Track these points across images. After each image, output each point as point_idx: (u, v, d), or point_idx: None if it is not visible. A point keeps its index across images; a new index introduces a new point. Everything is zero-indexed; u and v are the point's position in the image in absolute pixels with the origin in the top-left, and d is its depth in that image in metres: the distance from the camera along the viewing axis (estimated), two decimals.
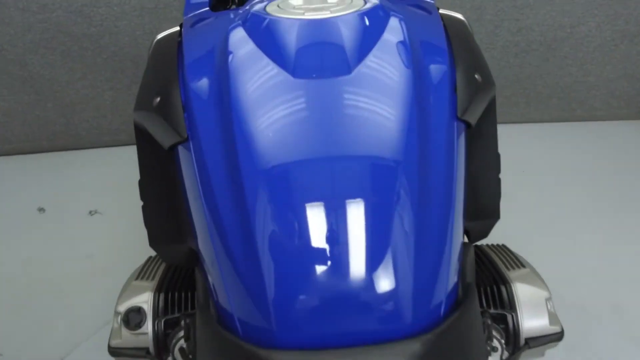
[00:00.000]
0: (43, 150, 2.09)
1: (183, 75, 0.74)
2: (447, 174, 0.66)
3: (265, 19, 0.76)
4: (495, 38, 1.98)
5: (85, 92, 2.00)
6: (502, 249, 0.92)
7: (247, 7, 0.85)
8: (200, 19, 0.92)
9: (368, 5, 0.78)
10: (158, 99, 0.73)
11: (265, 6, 0.80)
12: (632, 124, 2.15)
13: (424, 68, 0.72)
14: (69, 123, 2.05)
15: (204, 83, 0.72)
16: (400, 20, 0.76)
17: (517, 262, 0.86)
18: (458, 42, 0.78)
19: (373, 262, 0.58)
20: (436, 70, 0.73)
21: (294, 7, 0.79)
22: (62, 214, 1.79)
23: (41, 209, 1.80)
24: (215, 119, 0.68)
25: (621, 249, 1.58)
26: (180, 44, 0.81)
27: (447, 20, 0.83)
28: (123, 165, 1.58)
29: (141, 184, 0.76)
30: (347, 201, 0.59)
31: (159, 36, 0.85)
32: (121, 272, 1.36)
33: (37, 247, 1.67)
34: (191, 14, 0.96)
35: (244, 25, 0.77)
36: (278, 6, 0.80)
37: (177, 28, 0.87)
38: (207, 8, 0.98)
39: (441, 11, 0.88)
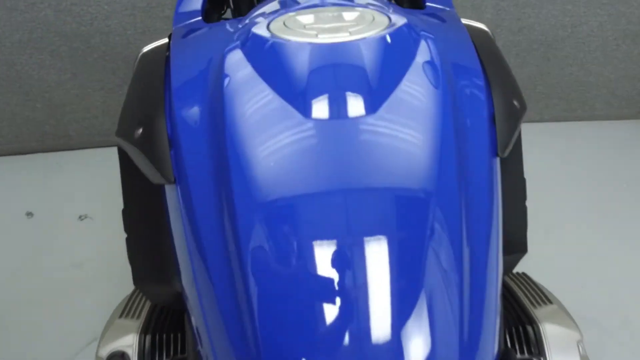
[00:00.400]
0: (32, 152, 2.04)
1: (170, 101, 0.63)
2: (489, 210, 0.57)
3: (269, 41, 0.63)
4: (495, 38, 1.93)
5: (75, 93, 1.94)
6: (524, 280, 0.83)
7: (247, 21, 0.73)
8: (192, 29, 0.81)
9: (395, 25, 0.64)
10: (140, 130, 0.62)
11: (269, 23, 0.67)
12: (633, 123, 2.12)
13: (460, 96, 0.62)
14: (59, 124, 2.00)
15: (194, 113, 0.61)
16: (432, 41, 0.64)
17: (543, 296, 0.77)
18: (489, 61, 0.68)
19: (405, 320, 0.47)
20: (472, 98, 0.62)
21: (304, 27, 0.65)
22: (51, 219, 1.73)
23: (29, 214, 1.75)
24: (207, 160, 0.58)
25: (627, 254, 1.55)
26: (168, 59, 0.71)
27: (472, 33, 0.73)
28: (115, 167, 1.50)
29: (125, 213, 0.68)
30: (370, 240, 0.49)
31: (145, 49, 0.75)
32: (112, 281, 1.32)
33: (24, 254, 1.61)
34: (181, 24, 0.84)
35: (243, 47, 0.64)
36: (284, 24, 0.66)
37: (166, 40, 0.76)
38: (199, 17, 0.86)
39: (463, 21, 0.78)
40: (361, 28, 0.63)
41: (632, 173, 1.86)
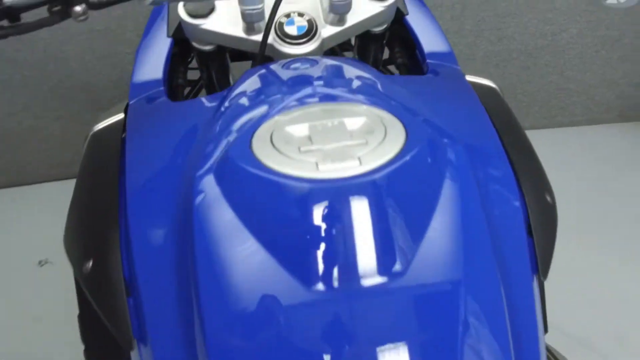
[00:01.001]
0: None
1: (126, 223, 0.50)
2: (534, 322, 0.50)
3: (252, 175, 0.45)
4: (475, 49, 1.88)
5: (29, 124, 1.80)
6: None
7: (226, 106, 0.57)
8: (153, 107, 0.66)
9: (415, 139, 0.48)
10: (89, 264, 0.50)
11: (253, 135, 0.49)
12: (612, 127, 2.12)
13: (490, 203, 0.50)
14: (13, 159, 1.85)
15: (156, 243, 0.48)
16: (459, 152, 0.50)
17: None
18: (509, 138, 0.56)
19: None
20: (505, 205, 0.51)
21: (298, 148, 0.47)
22: (6, 266, 1.57)
23: None
24: (175, 316, 0.45)
25: (612, 266, 1.50)
26: (123, 143, 0.58)
27: (481, 94, 0.63)
28: None
29: (81, 320, 0.60)
30: (384, 349, 0.40)
31: (96, 128, 0.62)
32: (77, 337, 1.18)
33: None
34: (139, 98, 0.70)
35: (218, 177, 0.47)
36: (271, 140, 0.48)
37: (121, 116, 0.63)
38: (161, 88, 0.71)
39: (469, 78, 0.67)
40: (372, 151, 0.47)
41: (614, 177, 1.85)
